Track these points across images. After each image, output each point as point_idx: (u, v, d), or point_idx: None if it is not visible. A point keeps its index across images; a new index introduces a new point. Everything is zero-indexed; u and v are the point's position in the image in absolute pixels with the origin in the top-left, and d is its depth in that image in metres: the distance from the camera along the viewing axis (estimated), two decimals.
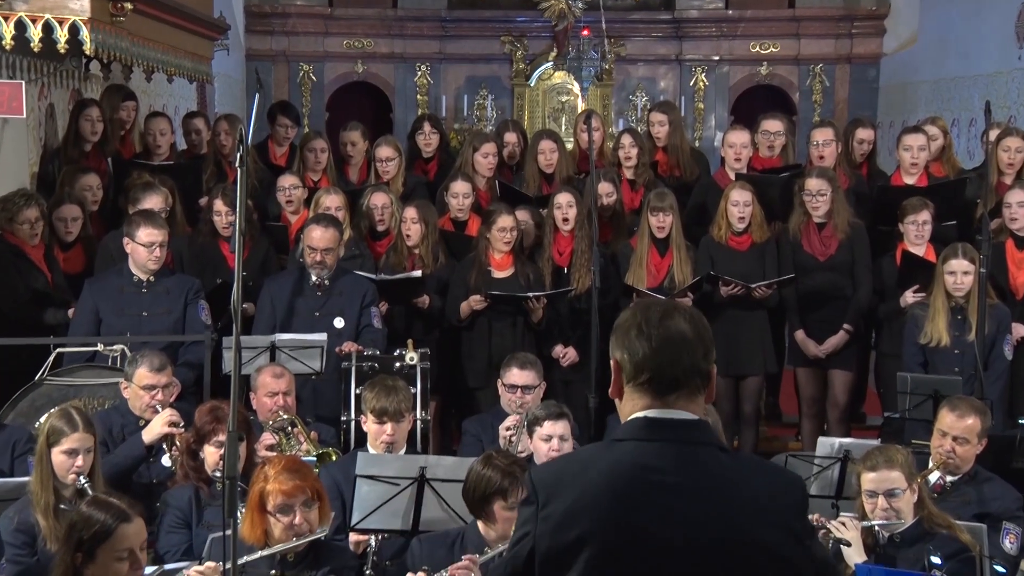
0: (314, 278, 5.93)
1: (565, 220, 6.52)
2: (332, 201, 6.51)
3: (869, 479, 4.12)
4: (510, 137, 7.69)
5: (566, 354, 6.50)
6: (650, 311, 2.18)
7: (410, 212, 6.50)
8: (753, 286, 6.41)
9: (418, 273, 6.38)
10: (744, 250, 6.59)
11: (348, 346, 5.75)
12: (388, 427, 4.62)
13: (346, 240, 6.30)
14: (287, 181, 6.89)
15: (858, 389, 7.00)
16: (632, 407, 2.17)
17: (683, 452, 2.11)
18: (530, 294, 6.25)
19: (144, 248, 5.68)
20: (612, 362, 2.20)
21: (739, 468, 2.13)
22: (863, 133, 7.33)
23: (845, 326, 6.58)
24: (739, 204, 6.51)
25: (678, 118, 7.74)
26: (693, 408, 2.15)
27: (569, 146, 7.82)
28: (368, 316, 5.92)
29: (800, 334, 6.65)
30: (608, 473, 2.07)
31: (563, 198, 6.54)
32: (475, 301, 6.30)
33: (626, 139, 7.30)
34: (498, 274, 6.42)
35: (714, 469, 2.11)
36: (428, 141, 7.69)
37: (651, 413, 2.15)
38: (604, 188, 6.73)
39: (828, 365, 6.66)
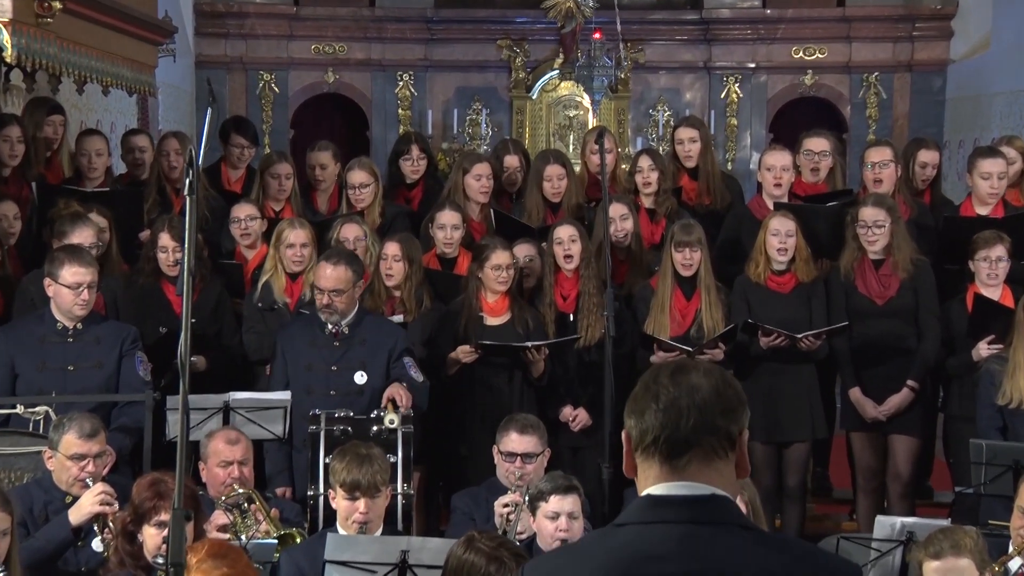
0: (329, 325, 5.99)
1: (568, 258, 6.57)
2: (297, 237, 6.57)
3: (932, 569, 4.10)
4: (511, 160, 7.74)
5: (575, 416, 6.53)
6: (662, 369, 2.24)
7: (392, 248, 6.55)
8: (799, 336, 6.43)
9: (399, 319, 6.42)
10: (787, 292, 6.64)
11: (394, 390, 5.75)
12: (361, 503, 4.62)
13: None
14: (242, 211, 6.94)
15: (924, 458, 6.99)
16: (644, 482, 2.19)
17: (692, 535, 2.09)
18: (528, 344, 6.28)
19: (69, 290, 5.69)
20: (623, 435, 2.25)
21: (770, 553, 2.09)
22: (926, 155, 7.36)
23: (909, 383, 6.59)
24: (780, 236, 6.56)
25: (708, 136, 7.80)
26: (711, 477, 2.14)
27: (576, 169, 7.87)
28: (401, 368, 5.98)
29: (855, 392, 6.66)
30: (604, 566, 2.08)
31: (564, 231, 6.59)
32: (464, 352, 6.33)
33: (644, 161, 7.36)
34: (491, 320, 6.47)
35: (733, 555, 2.08)
36: (416, 167, 7.75)
37: (656, 489, 2.15)
38: (618, 211, 6.79)
39: (888, 429, 6.66)
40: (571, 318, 6.56)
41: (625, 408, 2.24)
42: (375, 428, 5.57)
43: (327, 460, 5.24)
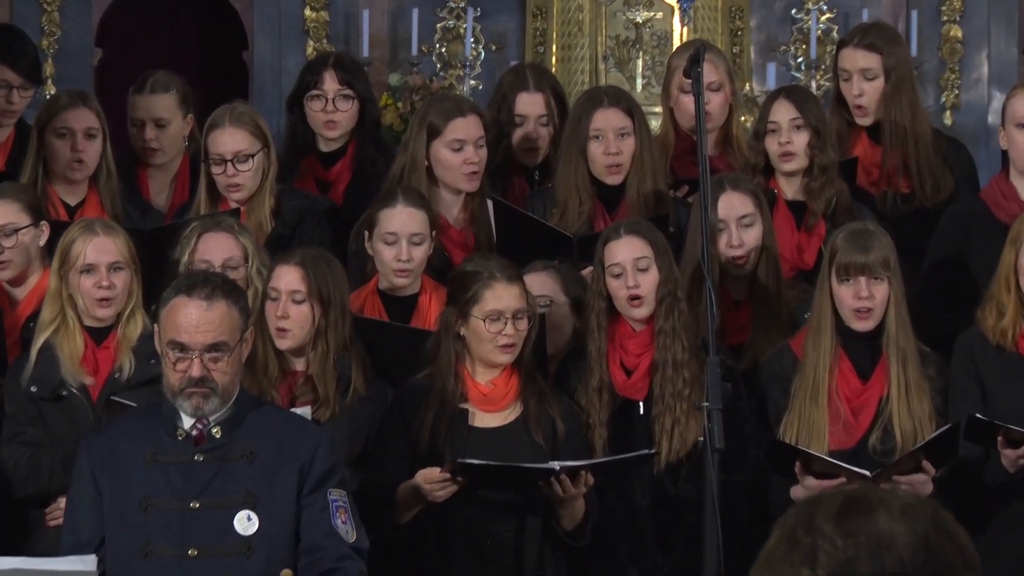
0: (186, 422, 5.97)
1: (635, 296, 6.61)
2: (101, 251, 6.55)
3: None
4: (529, 102, 7.86)
5: None
6: (821, 505, 2.31)
7: (290, 276, 6.60)
8: None
9: (305, 412, 6.46)
10: None
11: None
12: None
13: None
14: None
15: None
16: None
17: None
18: (555, 465, 6.28)
19: None
20: None
21: None
22: None
23: None
24: None
25: (903, 62, 7.80)
26: None
27: (653, 125, 7.87)
28: (321, 509, 5.95)
29: None
30: None
31: (625, 248, 6.65)
32: (431, 480, 6.33)
33: (781, 109, 7.38)
34: (484, 418, 6.52)
35: None
36: (334, 114, 7.80)
37: None
38: (735, 207, 6.84)
39: None
40: (639, 409, 6.63)
41: (757, 568, 2.36)
42: None
43: None
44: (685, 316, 6.55)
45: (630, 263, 6.60)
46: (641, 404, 6.61)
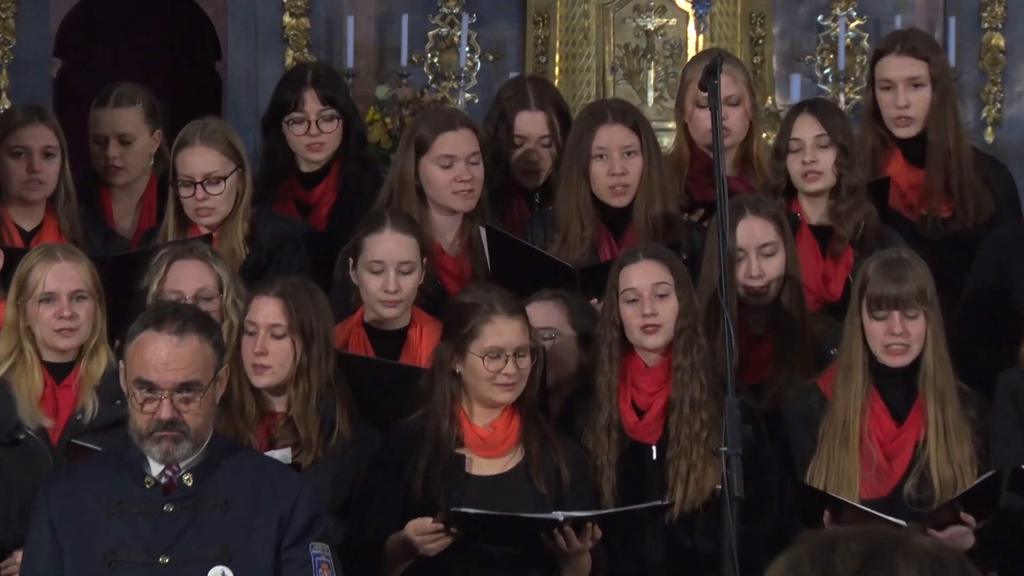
0: (154, 469, 5.94)
1: (648, 327, 6.58)
2: (62, 279, 6.54)
3: None
4: (530, 122, 7.91)
5: None
6: (838, 545, 2.32)
7: (269, 309, 6.59)
8: None
9: (283, 456, 6.43)
10: None
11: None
12: None
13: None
14: None
15: None
16: None
17: None
18: (559, 515, 6.25)
19: None
20: None
21: None
22: None
23: None
24: None
25: (943, 71, 7.80)
26: None
27: (665, 143, 7.84)
28: (302, 564, 5.93)
29: None
30: None
31: (642, 274, 6.63)
32: (424, 530, 6.30)
33: (804, 125, 7.39)
34: (483, 464, 6.49)
35: None
36: (317, 136, 7.83)
37: None
38: (755, 235, 6.83)
39: None
40: (652, 454, 6.62)
41: None
42: None
43: None
44: (704, 352, 6.52)
45: (648, 289, 6.57)
46: (654, 448, 6.58)
